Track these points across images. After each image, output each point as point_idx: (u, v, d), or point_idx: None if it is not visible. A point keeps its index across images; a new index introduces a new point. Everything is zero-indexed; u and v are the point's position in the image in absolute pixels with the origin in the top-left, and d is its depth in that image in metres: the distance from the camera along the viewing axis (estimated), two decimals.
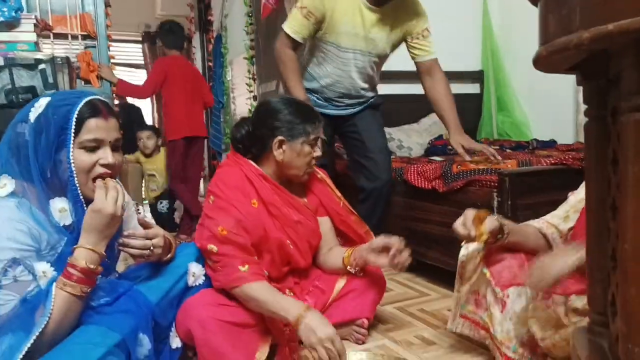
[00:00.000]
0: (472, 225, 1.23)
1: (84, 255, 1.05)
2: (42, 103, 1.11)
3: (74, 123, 1.08)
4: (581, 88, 0.67)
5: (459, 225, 1.26)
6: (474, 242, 1.26)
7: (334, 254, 1.66)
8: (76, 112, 1.08)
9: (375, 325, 1.69)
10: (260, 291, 1.35)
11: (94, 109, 1.11)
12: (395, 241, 1.50)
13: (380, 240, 1.54)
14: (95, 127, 1.10)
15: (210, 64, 5.11)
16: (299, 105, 1.56)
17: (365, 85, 2.14)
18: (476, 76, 3.30)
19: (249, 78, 4.06)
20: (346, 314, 1.57)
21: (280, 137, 1.48)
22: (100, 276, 1.12)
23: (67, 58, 2.20)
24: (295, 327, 1.28)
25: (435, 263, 2.11)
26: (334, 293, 1.58)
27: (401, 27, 2.06)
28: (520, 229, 1.34)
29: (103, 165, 1.12)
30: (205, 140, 3.83)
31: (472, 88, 3.33)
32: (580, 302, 1.13)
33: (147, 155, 3.78)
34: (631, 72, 0.47)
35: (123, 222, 1.19)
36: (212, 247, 1.38)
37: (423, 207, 2.15)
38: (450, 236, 1.86)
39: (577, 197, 1.36)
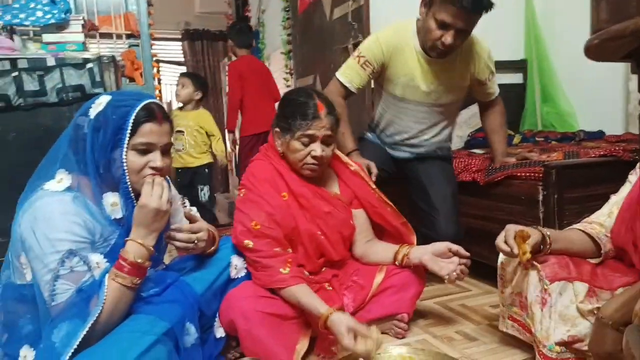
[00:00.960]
0: (514, 243, 1.21)
1: (134, 249, 1.10)
2: (102, 101, 1.15)
3: (130, 125, 1.12)
4: (633, 77, 0.64)
5: (500, 242, 1.24)
6: (516, 258, 1.24)
7: (376, 247, 1.66)
8: (134, 115, 1.13)
9: (416, 320, 1.68)
10: (300, 294, 1.37)
11: (150, 113, 1.15)
12: (461, 250, 1.50)
13: (443, 245, 1.54)
14: (149, 132, 1.15)
15: None
16: (298, 101, 1.51)
17: (427, 136, 2.02)
18: (519, 65, 3.20)
19: (286, 72, 4.09)
20: (386, 308, 1.57)
21: (275, 129, 1.54)
22: (149, 268, 1.17)
23: (113, 57, 2.27)
24: (324, 322, 1.29)
25: (477, 258, 2.06)
26: (373, 288, 1.57)
27: (465, 76, 1.94)
28: (564, 235, 1.31)
29: (152, 168, 1.16)
30: None
31: (515, 78, 3.23)
32: (589, 305, 1.15)
33: (180, 108, 3.50)
34: None
35: (170, 215, 1.23)
36: (248, 242, 1.41)
37: (464, 201, 2.12)
38: (491, 231, 1.83)
39: (619, 196, 1.33)
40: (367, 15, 2.62)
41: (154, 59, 3.36)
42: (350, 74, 1.91)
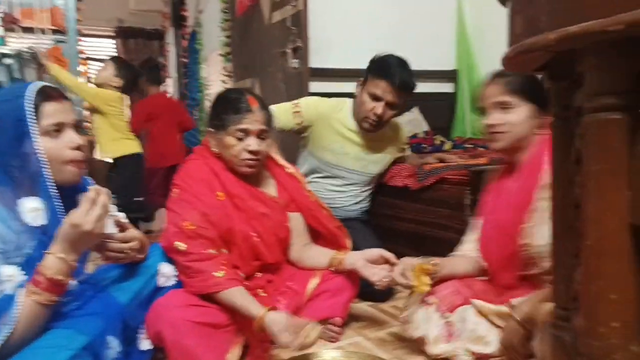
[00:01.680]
0: (412, 276, 1.26)
1: (54, 264, 1.02)
2: None
3: (30, 111, 1.05)
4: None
5: (397, 275, 1.29)
6: (412, 290, 1.29)
7: (312, 251, 1.66)
8: (29, 101, 1.06)
9: (349, 323, 1.69)
10: (236, 297, 1.35)
11: (45, 94, 1.09)
12: (392, 258, 1.52)
13: (376, 252, 1.55)
14: (53, 111, 1.09)
15: (185, 60, 5.04)
16: (229, 97, 1.53)
17: (349, 203, 2.18)
18: (451, 75, 3.34)
19: (225, 75, 4.01)
20: (320, 313, 1.56)
21: (209, 129, 1.53)
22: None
23: (35, 53, 2.13)
24: (260, 324, 1.28)
25: None
26: (307, 293, 1.57)
27: (390, 152, 2.21)
28: (448, 262, 1.41)
29: (73, 149, 1.10)
30: None
31: (446, 87, 3.37)
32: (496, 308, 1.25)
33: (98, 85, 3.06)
34: (594, 74, 0.48)
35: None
36: (179, 244, 1.36)
37: (397, 205, 2.17)
38: (422, 234, 1.88)
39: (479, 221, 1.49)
40: (305, 21, 2.62)
41: (83, 56, 3.19)
42: (280, 112, 2.01)
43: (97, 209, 1.04)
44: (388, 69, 1.91)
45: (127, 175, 3.07)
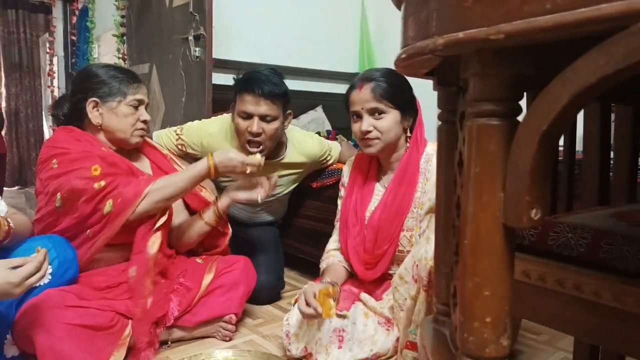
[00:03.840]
0: (316, 303, 1.24)
1: None
2: None
3: None
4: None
5: (303, 307, 1.26)
6: (321, 317, 1.25)
7: (185, 223, 1.64)
8: None
9: (244, 321, 1.66)
10: (166, 179, 1.44)
11: None
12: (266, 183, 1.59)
13: (241, 182, 1.63)
14: None
15: (74, 38, 4.61)
16: (118, 69, 1.55)
17: (262, 216, 2.10)
18: (353, 77, 3.43)
19: (118, 58, 3.73)
20: (214, 310, 1.52)
21: (93, 99, 1.47)
22: None
23: None
24: (214, 166, 1.46)
25: (307, 257, 2.15)
26: (201, 289, 1.51)
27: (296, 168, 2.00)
28: (334, 275, 1.44)
29: None
30: None
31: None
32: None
33: None
34: (476, 80, 0.50)
35: None
36: (100, 183, 1.34)
37: (298, 203, 2.18)
38: (321, 230, 1.90)
39: (338, 215, 1.58)
40: (210, 7, 2.52)
41: None
42: (163, 143, 1.87)
43: (37, 276, 1.04)
44: (249, 81, 1.71)
45: None
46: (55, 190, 1.35)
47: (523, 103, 0.52)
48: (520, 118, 0.50)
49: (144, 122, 1.53)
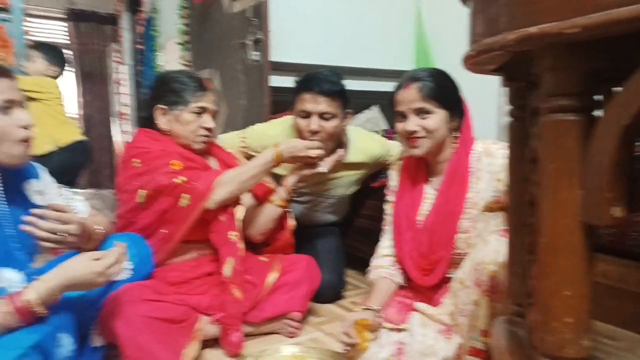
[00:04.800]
0: (354, 333, 1.23)
1: (42, 293, 1.00)
2: None
3: None
4: (505, 90, 0.70)
5: (341, 335, 1.26)
6: (358, 347, 1.24)
7: (258, 211, 1.69)
8: None
9: (308, 319, 1.69)
10: (235, 170, 1.53)
11: None
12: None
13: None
14: (3, 88, 1.04)
15: (141, 46, 4.86)
16: (187, 76, 1.59)
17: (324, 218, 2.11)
18: None
19: (182, 64, 3.90)
20: (278, 307, 1.56)
21: (161, 106, 1.54)
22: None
23: None
24: (279, 154, 1.56)
25: (367, 256, 2.15)
26: (265, 287, 1.56)
27: (357, 171, 2.00)
28: (380, 293, 1.39)
29: (22, 127, 1.07)
30: None
31: None
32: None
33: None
34: (550, 75, 0.49)
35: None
36: (181, 178, 1.43)
37: (357, 203, 2.19)
38: (379, 229, 1.90)
39: (387, 220, 1.54)
40: (266, 13, 2.58)
41: (29, 37, 3.01)
42: (227, 143, 1.91)
43: (116, 267, 1.09)
44: (307, 80, 1.75)
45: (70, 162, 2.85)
46: (139, 188, 1.44)
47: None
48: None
49: (207, 129, 1.57)
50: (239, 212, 1.54)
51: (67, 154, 2.84)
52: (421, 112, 1.35)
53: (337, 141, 1.83)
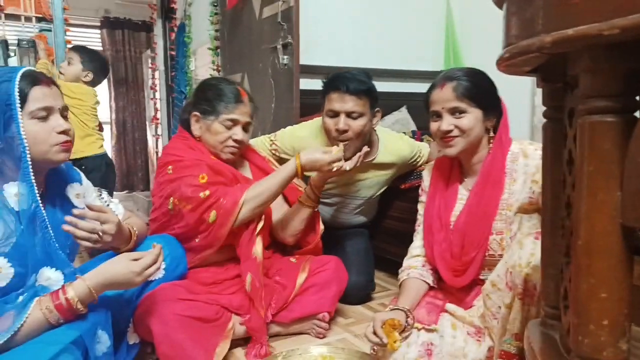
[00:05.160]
0: (382, 333, 1.22)
1: (82, 292, 1.05)
2: None
3: (17, 95, 1.04)
4: (538, 90, 0.69)
5: (370, 334, 1.24)
6: (386, 347, 1.22)
7: (288, 213, 1.71)
8: (17, 85, 1.05)
9: (337, 320, 1.70)
10: (259, 186, 1.51)
11: (34, 79, 1.08)
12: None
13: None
14: (41, 95, 1.08)
15: (173, 52, 4.98)
16: (225, 86, 1.59)
17: (352, 219, 2.12)
18: (437, 76, 3.36)
19: (213, 69, 3.98)
20: (307, 308, 1.57)
21: (196, 113, 1.56)
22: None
23: (34, 42, 2.09)
24: (300, 166, 1.52)
25: (395, 258, 2.14)
26: (295, 288, 1.58)
27: (384, 173, 2.01)
28: (410, 294, 1.36)
29: (59, 133, 1.10)
30: None
31: None
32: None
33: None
34: (587, 76, 0.49)
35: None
36: (205, 192, 1.44)
37: (386, 205, 2.18)
38: (407, 231, 1.90)
39: (419, 220, 1.52)
40: (297, 17, 2.61)
41: (69, 45, 3.13)
42: (257, 147, 1.93)
43: (154, 267, 1.13)
44: (335, 80, 1.76)
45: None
46: (169, 194, 1.48)
47: None
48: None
49: (236, 141, 1.57)
50: (260, 226, 1.53)
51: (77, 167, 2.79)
52: (456, 112, 1.34)
53: (365, 140, 1.83)
